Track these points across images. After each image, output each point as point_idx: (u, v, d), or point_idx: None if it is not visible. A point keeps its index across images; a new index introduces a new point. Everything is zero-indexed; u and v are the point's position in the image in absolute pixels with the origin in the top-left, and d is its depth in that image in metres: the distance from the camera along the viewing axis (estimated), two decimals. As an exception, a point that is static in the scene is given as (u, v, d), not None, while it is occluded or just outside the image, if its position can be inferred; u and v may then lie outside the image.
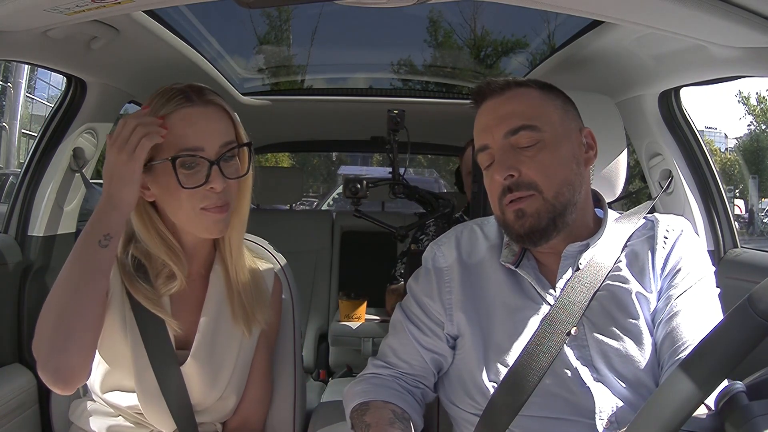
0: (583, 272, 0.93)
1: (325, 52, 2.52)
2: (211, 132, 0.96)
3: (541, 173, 0.91)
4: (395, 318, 1.06)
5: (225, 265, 1.07)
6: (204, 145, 0.95)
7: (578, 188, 0.95)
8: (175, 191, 0.95)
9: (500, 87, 0.96)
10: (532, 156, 0.91)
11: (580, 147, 0.96)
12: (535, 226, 0.92)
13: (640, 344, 0.90)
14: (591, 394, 0.88)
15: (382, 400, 0.95)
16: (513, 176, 0.91)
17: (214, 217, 0.97)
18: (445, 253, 1.04)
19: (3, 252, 1.43)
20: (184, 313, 1.03)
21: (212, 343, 1.03)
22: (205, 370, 1.01)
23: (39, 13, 1.01)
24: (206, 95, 0.99)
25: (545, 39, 2.17)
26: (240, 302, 1.05)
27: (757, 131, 19.79)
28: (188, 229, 1.01)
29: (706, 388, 0.59)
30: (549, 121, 0.94)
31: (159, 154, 0.95)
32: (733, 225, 1.58)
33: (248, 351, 1.08)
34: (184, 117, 0.95)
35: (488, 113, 0.96)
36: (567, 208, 0.93)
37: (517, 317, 0.95)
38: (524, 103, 0.94)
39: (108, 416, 1.04)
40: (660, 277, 0.94)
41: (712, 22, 0.92)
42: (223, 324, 1.05)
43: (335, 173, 15.86)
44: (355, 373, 2.44)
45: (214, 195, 0.96)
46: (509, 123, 0.93)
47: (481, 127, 0.97)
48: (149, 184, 0.98)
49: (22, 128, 13.71)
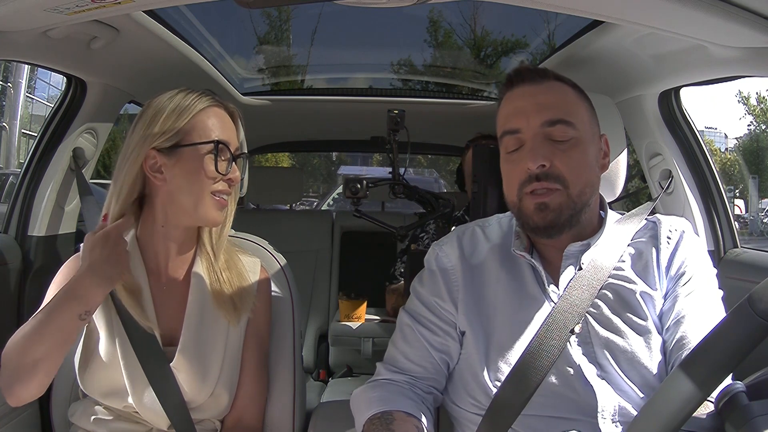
0: (586, 272, 0.93)
1: (325, 52, 2.52)
2: (232, 133, 1.09)
3: (571, 169, 0.91)
4: (402, 322, 1.05)
5: (207, 260, 1.10)
6: (230, 142, 1.07)
7: (596, 191, 0.97)
8: (197, 173, 1.02)
9: (539, 75, 0.96)
10: (565, 151, 0.92)
11: (600, 152, 0.98)
12: (555, 221, 0.92)
13: (645, 343, 0.90)
14: (594, 393, 0.88)
15: (404, 411, 0.93)
16: (544, 166, 0.91)
17: (221, 206, 1.06)
18: (448, 253, 1.04)
19: (3, 252, 1.43)
20: (168, 310, 1.06)
21: (198, 338, 1.05)
22: (193, 365, 1.03)
23: (39, 13, 1.01)
24: (226, 103, 1.11)
25: (545, 39, 2.17)
26: (223, 295, 1.08)
27: (757, 131, 19.80)
28: (193, 211, 1.04)
29: (707, 387, 0.59)
30: (581, 121, 0.95)
31: (190, 138, 1.03)
32: (733, 225, 1.58)
33: (236, 343, 1.09)
34: (219, 114, 1.07)
35: (525, 98, 0.95)
36: (584, 208, 0.94)
37: (520, 316, 0.95)
38: (562, 98, 0.95)
39: (107, 416, 1.05)
40: (665, 277, 0.95)
41: (712, 22, 0.92)
42: (208, 318, 1.07)
43: (335, 173, 15.88)
44: (355, 373, 2.44)
45: (226, 185, 1.06)
46: (548, 113, 0.92)
47: (514, 111, 0.95)
48: (165, 168, 1.02)
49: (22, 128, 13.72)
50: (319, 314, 2.71)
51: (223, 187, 1.05)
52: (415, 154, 5.93)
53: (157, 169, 1.03)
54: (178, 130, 1.02)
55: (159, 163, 1.02)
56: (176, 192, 1.03)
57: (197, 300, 1.07)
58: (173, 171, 1.02)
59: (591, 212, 0.98)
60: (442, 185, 7.83)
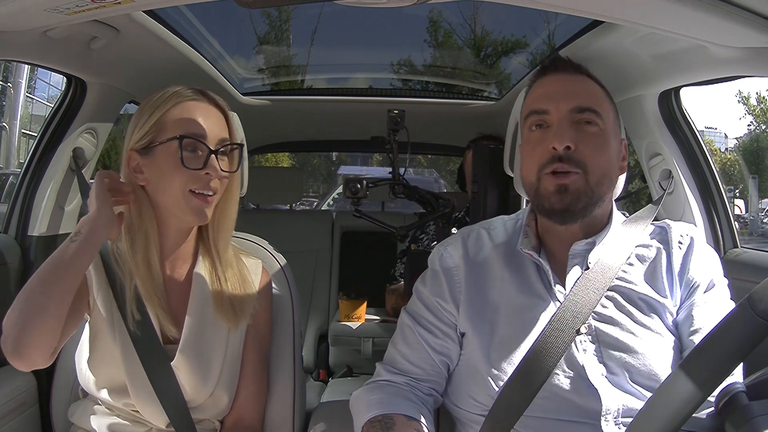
0: (592, 272, 0.93)
1: (325, 52, 2.52)
2: (212, 125, 1.05)
3: (593, 156, 0.92)
4: (403, 323, 1.04)
5: (210, 261, 1.10)
6: (207, 134, 1.03)
7: (612, 187, 0.97)
8: (170, 172, 1.01)
9: (573, 67, 0.98)
10: (590, 138, 0.92)
11: (620, 153, 0.99)
12: (572, 206, 0.92)
13: (651, 344, 0.90)
14: (598, 395, 0.87)
15: (404, 414, 0.92)
16: (569, 149, 0.91)
17: (200, 203, 1.03)
18: (452, 253, 1.03)
19: (3, 252, 1.43)
20: (169, 308, 1.06)
21: (199, 338, 1.05)
22: (194, 365, 1.03)
23: (39, 13, 1.01)
24: (210, 96, 1.08)
25: (545, 39, 2.17)
26: (225, 297, 1.07)
27: (757, 131, 19.81)
28: (173, 211, 1.04)
29: (707, 387, 0.59)
30: (608, 117, 0.96)
31: (162, 136, 1.01)
32: (733, 225, 1.58)
33: (236, 345, 1.09)
34: (192, 108, 1.04)
35: (556, 84, 0.97)
36: (599, 200, 0.94)
37: (524, 316, 0.94)
38: (593, 91, 0.97)
39: (107, 416, 1.04)
40: (679, 283, 0.95)
41: (712, 22, 0.92)
42: (209, 318, 1.07)
43: (335, 173, 15.87)
44: (355, 373, 2.44)
45: (204, 180, 1.02)
46: (579, 100, 0.93)
47: (545, 94, 0.96)
48: (144, 168, 1.03)
49: (22, 128, 13.71)
50: (319, 314, 2.71)
51: (200, 183, 1.01)
52: (415, 154, 5.93)
53: (138, 169, 1.03)
54: (149, 130, 1.02)
55: (140, 164, 1.03)
56: (155, 192, 1.04)
57: (198, 300, 1.07)
58: (150, 171, 1.03)
59: (603, 209, 0.98)
60: (442, 185, 7.83)
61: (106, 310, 1.03)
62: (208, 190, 1.03)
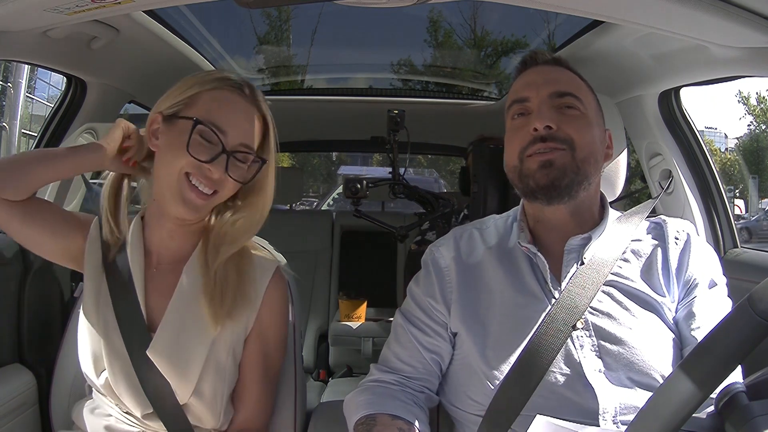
0: (587, 267, 0.93)
1: (325, 52, 2.52)
2: (240, 125, 1.00)
3: (578, 132, 0.93)
4: (395, 323, 1.05)
5: (205, 257, 1.04)
6: (228, 131, 0.98)
7: (596, 172, 0.97)
8: (176, 149, 0.97)
9: (553, 60, 1.01)
10: (573, 118, 0.94)
11: (604, 142, 1.00)
12: (558, 180, 0.92)
13: (648, 339, 0.90)
14: (595, 393, 0.87)
15: (389, 414, 0.92)
16: (551, 128, 0.92)
17: (191, 196, 0.98)
18: (444, 253, 1.04)
19: (3, 252, 1.43)
20: (155, 295, 1.04)
21: (179, 330, 1.01)
22: (169, 354, 0.99)
23: (39, 13, 1.01)
24: (257, 98, 1.04)
25: (545, 39, 2.17)
26: (216, 297, 1.01)
27: (757, 131, 19.80)
28: (166, 194, 1.00)
29: (707, 387, 0.59)
30: (589, 105, 0.97)
31: (186, 111, 0.99)
32: (733, 225, 1.58)
33: (225, 348, 1.03)
34: (228, 99, 1.00)
35: (536, 74, 0.98)
36: (585, 180, 0.94)
37: (519, 314, 0.94)
38: (573, 79, 0.99)
39: (108, 416, 1.04)
40: (676, 279, 0.95)
41: (712, 22, 0.92)
42: (194, 314, 1.02)
43: (335, 173, 15.85)
44: (355, 373, 2.44)
45: (205, 173, 0.97)
46: (558, 86, 0.95)
47: (525, 83, 0.98)
48: (160, 134, 1.01)
49: (22, 128, 13.68)
50: (319, 314, 2.71)
51: (198, 172, 0.97)
52: (415, 154, 5.93)
53: (156, 134, 1.02)
54: (180, 100, 0.99)
55: (159, 129, 1.01)
56: (158, 164, 1.02)
57: (184, 293, 1.03)
58: (163, 139, 1.01)
59: (591, 195, 0.98)
60: (442, 185, 7.83)
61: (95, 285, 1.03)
62: (204, 183, 0.97)
